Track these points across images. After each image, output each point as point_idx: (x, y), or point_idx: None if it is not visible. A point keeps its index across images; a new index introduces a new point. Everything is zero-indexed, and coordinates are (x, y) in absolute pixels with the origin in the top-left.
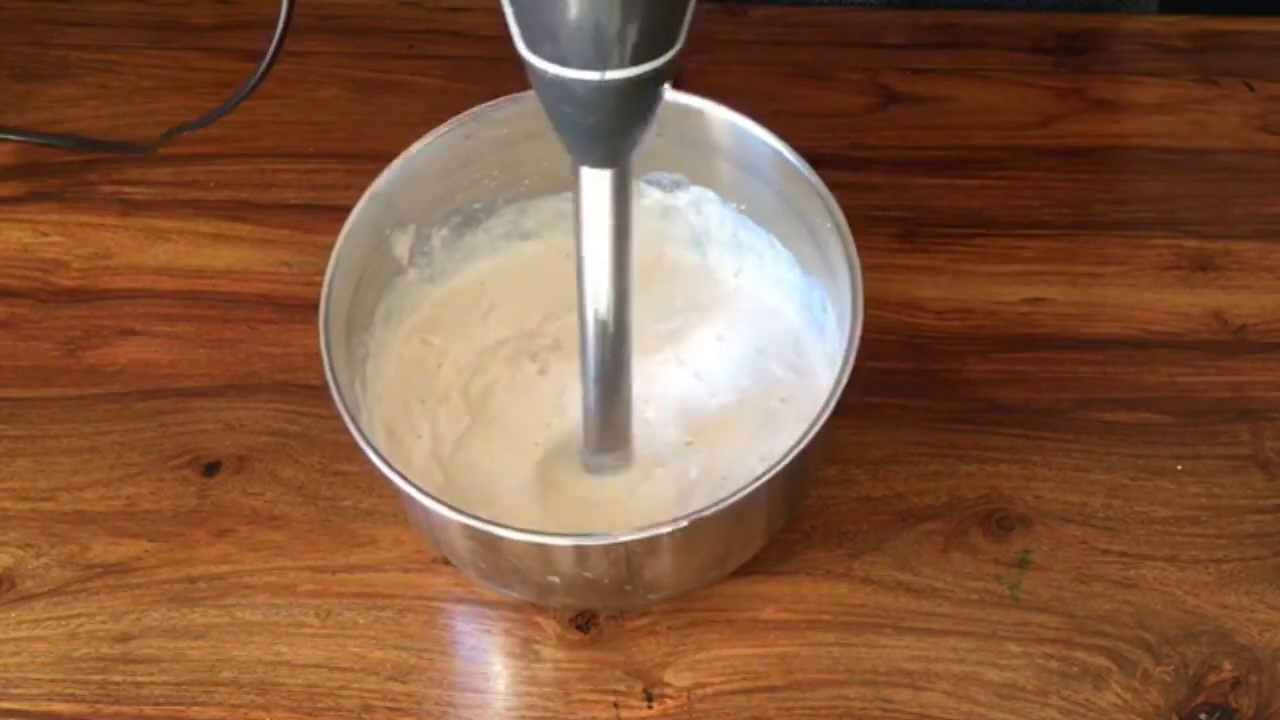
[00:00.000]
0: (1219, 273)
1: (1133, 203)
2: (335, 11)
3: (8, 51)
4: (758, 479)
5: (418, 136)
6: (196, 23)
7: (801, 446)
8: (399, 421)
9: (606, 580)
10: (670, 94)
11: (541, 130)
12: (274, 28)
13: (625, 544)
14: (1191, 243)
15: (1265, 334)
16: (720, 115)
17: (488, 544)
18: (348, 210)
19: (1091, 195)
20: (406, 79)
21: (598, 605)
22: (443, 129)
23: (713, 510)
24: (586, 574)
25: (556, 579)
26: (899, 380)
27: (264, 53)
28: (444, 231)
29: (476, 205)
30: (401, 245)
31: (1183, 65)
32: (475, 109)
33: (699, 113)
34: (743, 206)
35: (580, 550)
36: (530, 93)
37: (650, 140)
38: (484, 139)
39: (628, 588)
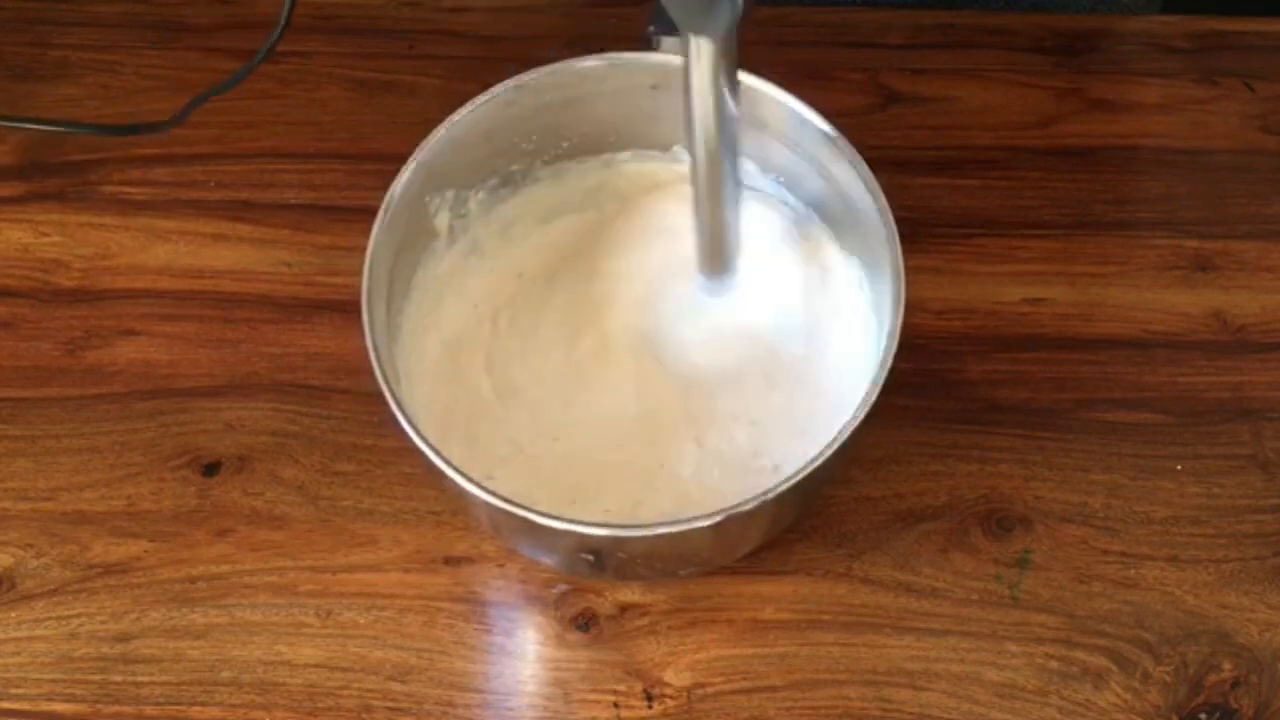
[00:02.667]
0: (1219, 273)
1: (1133, 203)
2: (335, 11)
3: (8, 51)
4: (802, 469)
5: (418, 136)
6: (196, 23)
7: (839, 442)
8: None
9: (639, 561)
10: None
11: (580, 97)
12: (274, 29)
13: (656, 536)
14: (1191, 243)
15: (1265, 334)
16: (776, 96)
17: (524, 527)
18: (348, 210)
19: (1091, 195)
20: (407, 79)
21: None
22: (484, 96)
23: (751, 503)
24: (621, 554)
25: (590, 557)
26: (899, 380)
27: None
28: (480, 195)
29: (514, 168)
30: (441, 213)
31: (1183, 65)
32: (519, 77)
33: (750, 90)
34: (781, 178)
35: (616, 539)
36: (568, 62)
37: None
38: (526, 105)
39: (658, 565)
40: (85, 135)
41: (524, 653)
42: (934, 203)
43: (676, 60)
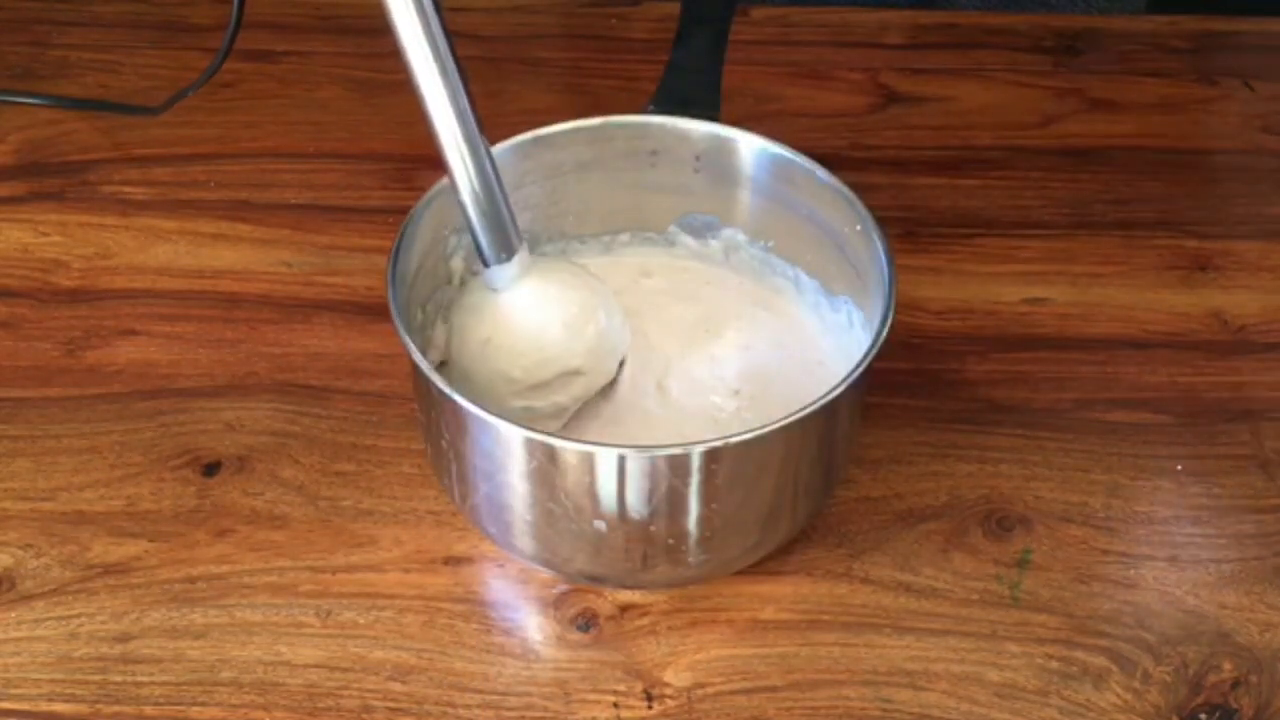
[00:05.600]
0: (1219, 273)
1: (1133, 203)
2: (335, 11)
3: (8, 51)
4: (824, 396)
5: (417, 136)
6: (196, 23)
7: (852, 378)
8: None
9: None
10: (696, 124)
11: (590, 161)
12: (274, 28)
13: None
14: (1191, 243)
15: (1265, 334)
16: (730, 137)
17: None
18: (348, 210)
19: (1091, 195)
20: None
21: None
22: (501, 146)
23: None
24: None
25: (603, 524)
26: (899, 380)
27: (265, 52)
28: None
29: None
30: (456, 257)
31: (1183, 65)
32: (536, 130)
33: (719, 138)
34: (770, 244)
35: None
36: (590, 120)
37: None
38: (539, 161)
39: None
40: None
41: (524, 653)
42: (934, 203)
43: (676, 123)
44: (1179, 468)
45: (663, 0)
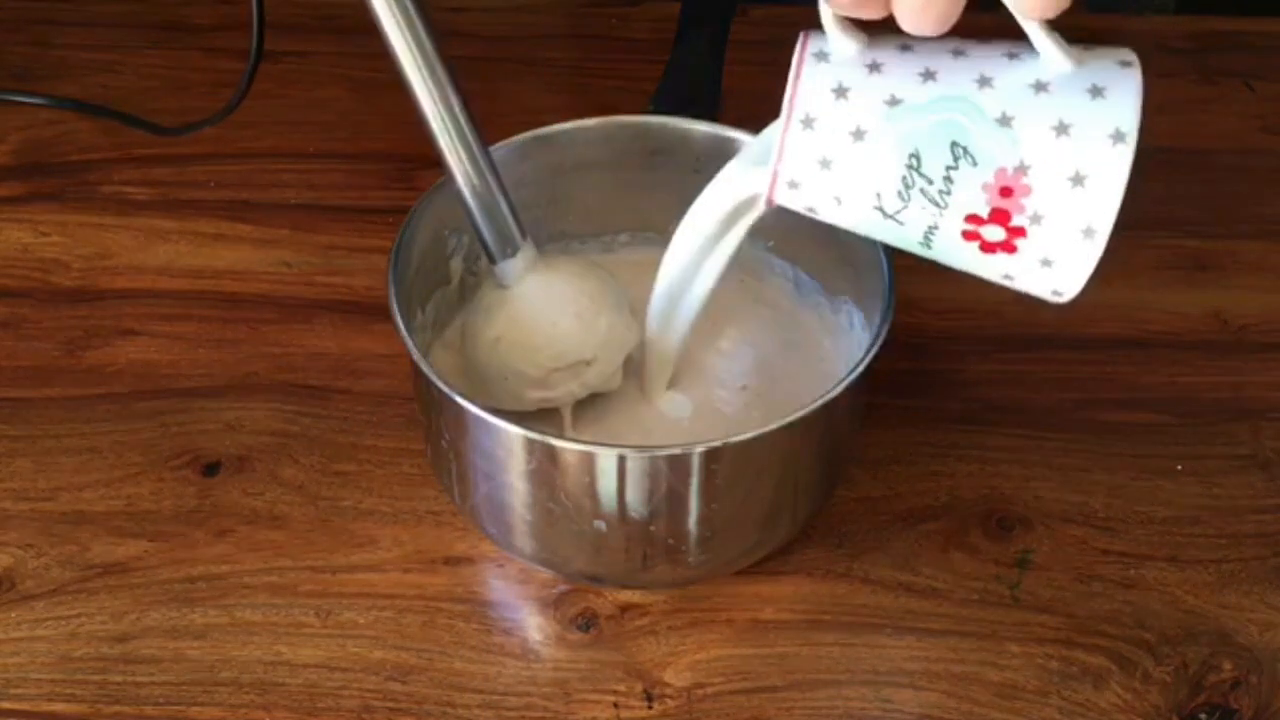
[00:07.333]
0: (1219, 273)
1: (1133, 203)
2: (335, 11)
3: (8, 51)
4: (824, 395)
5: (418, 136)
6: (196, 23)
7: (851, 378)
8: None
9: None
10: (696, 124)
11: (590, 161)
12: (274, 28)
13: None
14: (1191, 243)
15: (1265, 334)
16: (730, 137)
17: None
18: (348, 210)
19: None
20: (399, 82)
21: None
22: (500, 146)
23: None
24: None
25: (603, 524)
26: (899, 380)
27: (265, 52)
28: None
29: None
30: (456, 258)
31: (1183, 65)
32: (536, 130)
33: (719, 138)
34: (770, 244)
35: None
36: (590, 120)
37: None
38: (539, 161)
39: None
40: (93, 116)
41: (524, 653)
42: None
43: (676, 123)
44: (1179, 468)
45: (663, 0)
